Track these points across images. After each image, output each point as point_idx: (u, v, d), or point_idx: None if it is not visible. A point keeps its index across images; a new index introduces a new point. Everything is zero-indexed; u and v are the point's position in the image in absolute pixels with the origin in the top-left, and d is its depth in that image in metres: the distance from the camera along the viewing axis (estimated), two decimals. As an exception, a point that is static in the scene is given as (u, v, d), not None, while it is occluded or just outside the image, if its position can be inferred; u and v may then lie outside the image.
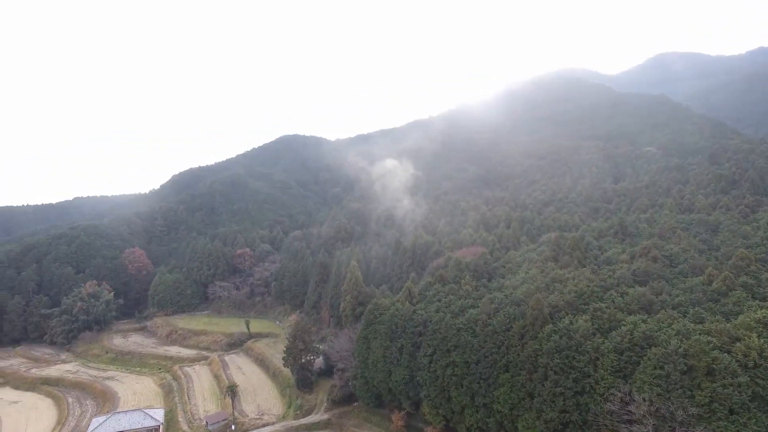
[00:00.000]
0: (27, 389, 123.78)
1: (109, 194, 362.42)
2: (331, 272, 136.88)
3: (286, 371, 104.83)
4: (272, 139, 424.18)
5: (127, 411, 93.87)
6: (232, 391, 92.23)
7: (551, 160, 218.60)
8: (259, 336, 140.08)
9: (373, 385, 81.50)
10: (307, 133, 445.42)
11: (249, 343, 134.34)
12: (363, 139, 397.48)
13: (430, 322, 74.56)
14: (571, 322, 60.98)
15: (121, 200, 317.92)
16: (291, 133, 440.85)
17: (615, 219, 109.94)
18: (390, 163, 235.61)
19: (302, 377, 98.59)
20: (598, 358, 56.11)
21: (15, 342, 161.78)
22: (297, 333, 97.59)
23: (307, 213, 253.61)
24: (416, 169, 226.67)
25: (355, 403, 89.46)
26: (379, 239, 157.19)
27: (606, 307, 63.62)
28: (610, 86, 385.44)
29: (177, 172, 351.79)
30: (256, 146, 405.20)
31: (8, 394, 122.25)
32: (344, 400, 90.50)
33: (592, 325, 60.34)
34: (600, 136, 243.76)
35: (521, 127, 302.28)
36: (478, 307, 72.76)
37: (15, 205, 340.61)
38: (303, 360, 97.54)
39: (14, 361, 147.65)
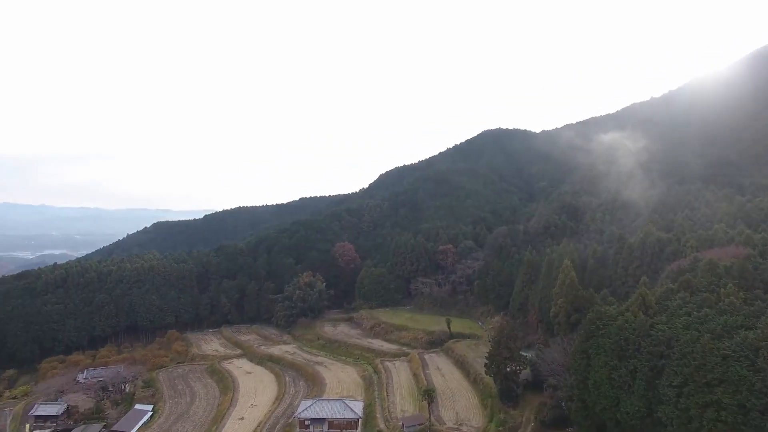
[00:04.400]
0: (257, 363, 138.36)
1: (327, 194, 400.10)
2: (539, 272, 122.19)
3: (488, 379, 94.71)
4: (474, 134, 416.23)
5: (330, 399, 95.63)
6: (429, 395, 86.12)
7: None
8: (460, 336, 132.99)
9: (594, 412, 65.91)
10: (511, 126, 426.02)
11: (449, 343, 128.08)
12: (572, 129, 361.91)
13: (677, 341, 56.22)
14: None
15: (336, 199, 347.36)
16: (494, 127, 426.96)
17: None
18: (607, 150, 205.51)
19: (506, 388, 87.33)
20: None
21: (252, 320, 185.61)
22: (501, 339, 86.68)
23: (512, 208, 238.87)
24: (640, 156, 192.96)
25: (569, 429, 74.67)
26: (596, 236, 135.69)
27: None
28: None
29: (383, 171, 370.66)
30: (458, 142, 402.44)
31: (245, 365, 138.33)
32: (556, 423, 76.35)
33: None
34: None
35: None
36: (757, 329, 51.88)
37: (258, 204, 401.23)
38: (507, 369, 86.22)
39: (250, 337, 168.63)
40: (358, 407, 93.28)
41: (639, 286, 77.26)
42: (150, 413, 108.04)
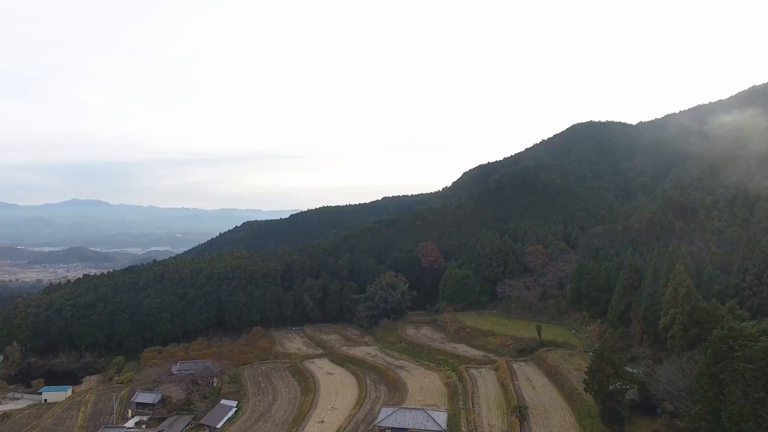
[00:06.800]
0: (339, 364, 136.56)
1: (409, 194, 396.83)
2: (644, 277, 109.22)
3: (586, 396, 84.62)
4: (563, 128, 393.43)
5: (411, 408, 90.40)
6: (520, 411, 78.32)
7: None
8: (551, 345, 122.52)
9: (728, 450, 55.01)
10: (603, 119, 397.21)
11: (540, 351, 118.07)
12: (677, 119, 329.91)
13: None
14: None
15: (419, 198, 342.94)
16: (584, 120, 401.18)
17: None
18: (728, 135, 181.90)
19: (608, 409, 77.02)
20: None
21: (334, 320, 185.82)
22: (604, 352, 76.65)
23: (607, 206, 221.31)
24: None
25: (692, 464, 63.64)
26: (713, 237, 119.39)
27: None
28: None
29: (467, 169, 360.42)
30: (546, 138, 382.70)
31: (327, 365, 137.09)
32: (674, 455, 65.73)
33: None
34: None
35: None
36: None
37: (341, 204, 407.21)
38: (611, 387, 76.03)
39: (332, 337, 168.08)
40: (441, 418, 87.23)
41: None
42: (234, 409, 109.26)
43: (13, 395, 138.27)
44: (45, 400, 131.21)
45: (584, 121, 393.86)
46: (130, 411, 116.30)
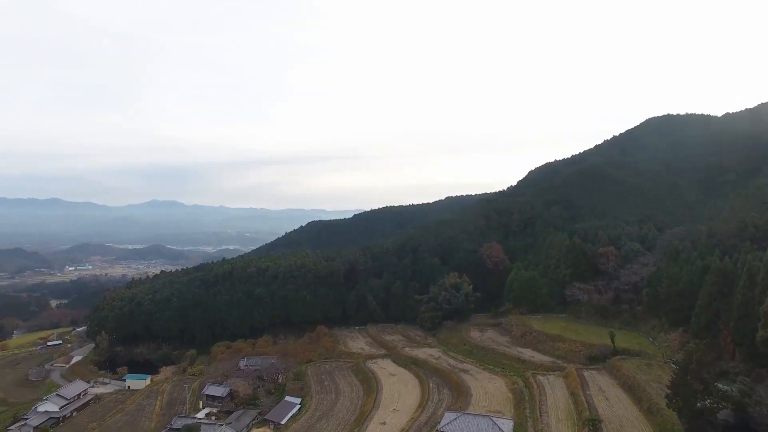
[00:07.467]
0: (401, 365, 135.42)
1: (473, 193, 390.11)
2: (734, 283, 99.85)
3: (668, 412, 78.15)
4: (635, 123, 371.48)
5: (476, 414, 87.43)
6: (593, 424, 73.45)
7: None
8: (626, 353, 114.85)
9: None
10: (682, 112, 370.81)
11: (614, 360, 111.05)
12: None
13: None
14: None
15: (483, 197, 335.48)
16: (660, 113, 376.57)
17: None
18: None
19: (696, 428, 70.65)
20: None
21: (396, 320, 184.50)
22: (689, 365, 70.38)
23: (687, 205, 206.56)
24: None
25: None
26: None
27: None
28: None
29: (533, 168, 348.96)
30: (617, 134, 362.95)
31: (389, 366, 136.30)
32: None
33: None
34: None
35: None
36: None
37: (404, 204, 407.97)
38: (699, 405, 69.64)
39: (395, 337, 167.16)
40: (507, 426, 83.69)
41: None
42: (298, 406, 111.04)
43: (102, 380, 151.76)
44: (128, 387, 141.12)
45: (660, 114, 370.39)
46: (200, 402, 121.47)
